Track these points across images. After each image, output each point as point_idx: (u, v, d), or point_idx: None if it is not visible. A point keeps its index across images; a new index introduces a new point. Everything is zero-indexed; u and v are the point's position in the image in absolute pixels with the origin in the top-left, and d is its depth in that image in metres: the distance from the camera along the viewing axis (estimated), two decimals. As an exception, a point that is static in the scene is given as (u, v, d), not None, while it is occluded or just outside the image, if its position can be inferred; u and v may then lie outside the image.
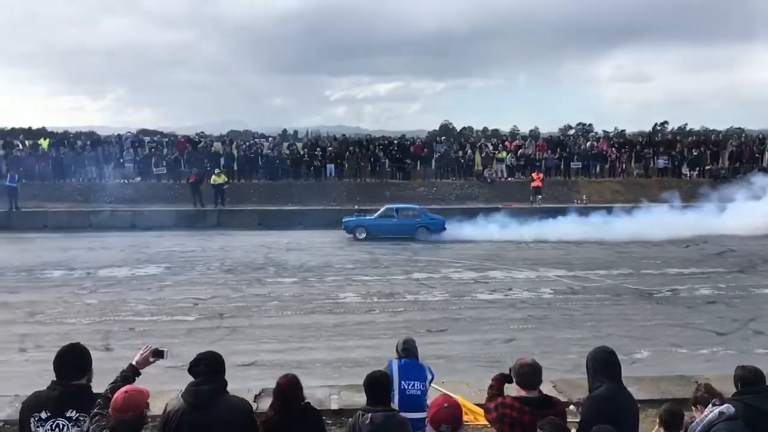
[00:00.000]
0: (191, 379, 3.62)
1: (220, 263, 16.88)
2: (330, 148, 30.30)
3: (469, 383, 7.41)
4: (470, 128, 75.41)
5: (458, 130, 71.79)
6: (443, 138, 36.71)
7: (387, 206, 21.79)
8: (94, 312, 12.13)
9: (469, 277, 15.37)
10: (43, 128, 53.95)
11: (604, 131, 58.57)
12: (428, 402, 4.86)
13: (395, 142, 32.08)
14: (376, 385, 3.73)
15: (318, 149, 30.03)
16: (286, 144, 33.95)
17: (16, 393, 6.82)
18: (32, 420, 3.43)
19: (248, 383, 7.06)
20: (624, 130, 61.06)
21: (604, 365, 3.72)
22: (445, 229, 20.99)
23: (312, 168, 28.40)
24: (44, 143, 29.88)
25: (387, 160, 29.46)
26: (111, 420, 3.12)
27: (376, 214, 21.34)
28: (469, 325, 11.46)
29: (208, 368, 3.53)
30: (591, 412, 3.62)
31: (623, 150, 30.75)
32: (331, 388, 7.30)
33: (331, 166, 28.39)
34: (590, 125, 75.41)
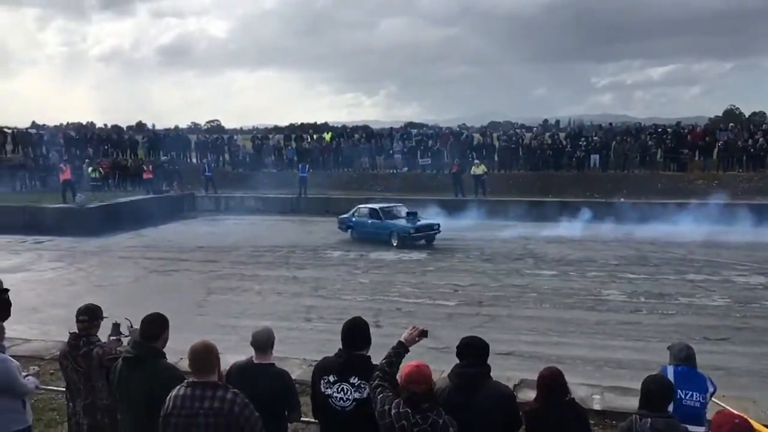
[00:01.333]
0: (451, 360, 3.77)
1: (479, 252, 17.26)
2: (595, 138, 28.90)
3: (756, 401, 6.53)
4: (762, 113, 65.55)
5: (747, 116, 63.01)
6: (729, 125, 32.51)
7: (384, 205, 20.11)
8: (366, 290, 13.30)
9: (757, 282, 13.52)
10: (326, 123, 60.61)
11: None
12: (708, 417, 4.42)
13: (669, 129, 29.39)
14: (661, 390, 3.49)
15: (582, 139, 28.84)
16: (547, 134, 33.25)
17: (304, 357, 7.83)
18: (322, 381, 3.87)
19: (506, 372, 7.08)
20: None
21: None
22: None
23: (574, 159, 27.43)
24: (327, 137, 33.50)
25: (659, 150, 27.18)
26: (403, 392, 3.34)
27: (397, 215, 19.11)
28: (756, 335, 10.09)
29: (474, 353, 3.66)
30: None
31: None
32: (593, 388, 6.99)
33: (595, 157, 27.14)
34: None
